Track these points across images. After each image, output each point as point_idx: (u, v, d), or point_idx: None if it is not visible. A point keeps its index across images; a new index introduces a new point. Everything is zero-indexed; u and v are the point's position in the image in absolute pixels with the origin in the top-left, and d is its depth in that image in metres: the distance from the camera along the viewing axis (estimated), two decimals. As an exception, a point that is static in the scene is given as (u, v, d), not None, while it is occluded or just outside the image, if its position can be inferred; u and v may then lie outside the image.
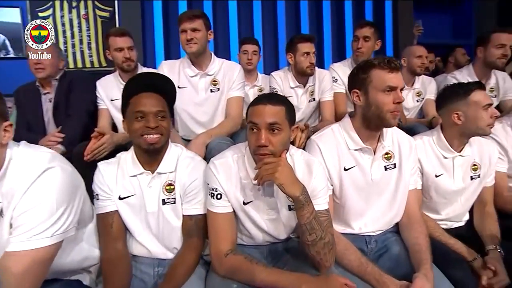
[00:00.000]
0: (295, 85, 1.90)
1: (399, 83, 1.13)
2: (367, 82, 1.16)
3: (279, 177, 0.96)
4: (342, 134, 1.25)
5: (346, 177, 1.22)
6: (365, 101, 1.18)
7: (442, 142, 1.43)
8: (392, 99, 1.13)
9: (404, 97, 2.08)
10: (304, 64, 1.80)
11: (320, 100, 1.92)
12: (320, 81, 1.91)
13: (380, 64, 1.14)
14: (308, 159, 1.12)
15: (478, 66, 2.00)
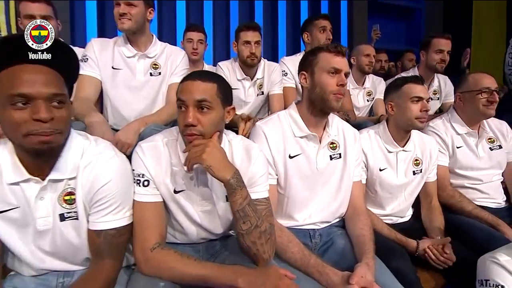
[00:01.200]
0: (242, 77, 1.98)
1: (343, 67, 1.24)
2: (314, 63, 1.26)
3: (206, 159, 0.97)
4: (288, 120, 1.31)
5: (291, 165, 1.27)
6: (311, 83, 1.26)
7: (386, 136, 1.57)
8: (336, 81, 1.23)
9: (355, 97, 2.33)
10: (245, 53, 1.87)
11: (269, 94, 2.00)
12: (269, 74, 1.99)
13: (327, 48, 1.26)
14: (248, 145, 1.15)
15: (422, 69, 2.27)
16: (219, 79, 1.06)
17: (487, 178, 1.74)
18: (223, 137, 1.12)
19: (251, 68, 1.97)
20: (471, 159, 1.74)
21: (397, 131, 1.54)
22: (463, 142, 1.76)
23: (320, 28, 2.02)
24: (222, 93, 1.03)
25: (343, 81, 1.22)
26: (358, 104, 2.38)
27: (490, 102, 1.65)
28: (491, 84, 1.67)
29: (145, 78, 1.59)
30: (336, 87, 1.23)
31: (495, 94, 1.65)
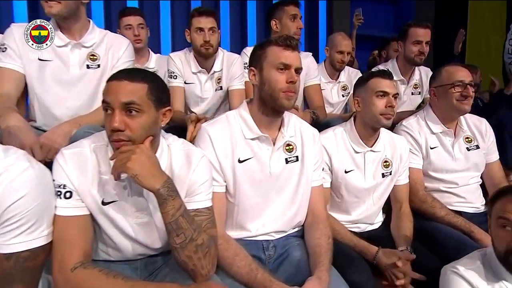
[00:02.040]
0: (198, 69, 1.96)
1: (293, 62, 1.24)
2: (262, 58, 1.26)
3: (132, 167, 0.96)
4: (237, 121, 1.31)
5: (240, 170, 1.27)
6: (259, 79, 1.27)
7: (353, 135, 1.58)
8: (286, 78, 1.23)
9: (328, 92, 2.35)
10: (198, 41, 1.86)
11: (228, 89, 1.99)
12: (228, 67, 1.98)
13: (277, 41, 1.25)
14: (189, 150, 1.15)
15: (400, 61, 2.29)
16: (150, 77, 1.04)
17: (463, 181, 1.76)
18: (160, 142, 1.11)
19: (207, 59, 1.94)
20: (446, 161, 1.75)
21: (365, 129, 1.55)
22: (438, 142, 1.78)
23: (290, 16, 1.98)
24: (155, 94, 1.02)
25: (293, 78, 1.22)
26: (332, 100, 2.40)
27: (464, 96, 1.66)
28: (465, 77, 1.69)
29: (81, 72, 1.51)
30: (285, 85, 1.22)
31: (469, 88, 1.66)
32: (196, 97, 2.01)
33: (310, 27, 3.80)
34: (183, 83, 1.97)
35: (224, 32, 3.50)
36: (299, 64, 1.26)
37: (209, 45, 1.87)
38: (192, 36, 1.91)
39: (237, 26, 3.54)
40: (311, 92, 2.13)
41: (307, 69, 2.10)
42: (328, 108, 2.35)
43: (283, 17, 1.99)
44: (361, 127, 1.56)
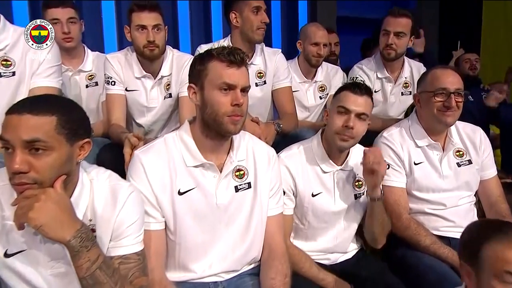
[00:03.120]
0: (142, 74, 1.90)
1: (239, 81, 1.22)
2: (203, 76, 1.23)
3: (35, 217, 0.93)
4: (178, 146, 1.29)
5: (181, 202, 1.26)
6: (200, 100, 1.25)
7: (321, 152, 1.56)
8: (230, 100, 1.21)
9: (303, 93, 2.36)
10: (140, 41, 1.79)
11: (178, 96, 1.93)
12: (179, 70, 1.91)
13: (219, 55, 1.21)
14: (115, 185, 1.12)
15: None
16: (61, 107, 1.00)
17: (452, 202, 1.72)
18: (80, 178, 1.08)
19: (153, 61, 1.86)
20: (432, 179, 1.72)
21: (332, 146, 1.54)
22: (423, 157, 1.74)
23: (253, 8, 1.92)
24: (68, 127, 0.98)
25: (238, 100, 1.21)
26: (308, 103, 2.34)
27: (446, 107, 1.62)
28: (450, 84, 1.63)
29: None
30: (230, 108, 1.21)
31: (452, 98, 1.61)
32: (141, 106, 1.94)
33: (289, 26, 3.83)
34: (123, 90, 1.90)
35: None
36: (246, 82, 1.25)
37: (154, 45, 1.79)
38: (132, 34, 1.82)
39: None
40: (280, 97, 2.10)
41: (275, 69, 2.09)
42: (303, 113, 2.33)
43: (244, 9, 1.94)
44: (329, 143, 1.55)
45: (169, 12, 2.97)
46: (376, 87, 2.25)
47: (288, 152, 1.56)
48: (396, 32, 2.12)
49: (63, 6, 1.97)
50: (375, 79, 2.26)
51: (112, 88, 1.89)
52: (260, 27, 1.94)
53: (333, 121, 1.49)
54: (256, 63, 2.06)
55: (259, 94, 2.08)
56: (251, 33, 1.94)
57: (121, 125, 1.84)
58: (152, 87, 1.92)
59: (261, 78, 2.08)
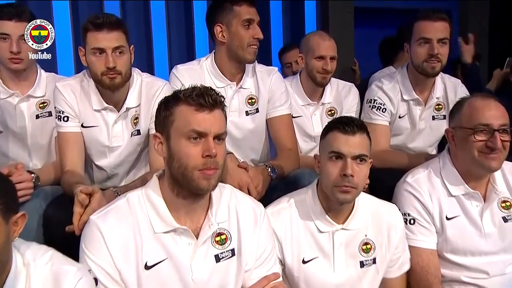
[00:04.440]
0: (102, 106, 1.81)
1: (211, 128, 1.21)
2: (169, 123, 1.24)
3: None
4: (144, 207, 1.28)
5: (148, 278, 1.25)
6: (167, 151, 1.26)
7: (316, 207, 1.51)
8: (201, 150, 1.20)
9: (307, 119, 2.29)
10: (98, 67, 1.70)
11: (149, 132, 1.86)
12: (149, 99, 1.83)
13: (187, 98, 1.22)
14: (58, 270, 1.10)
15: (412, 72, 2.11)
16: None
17: (496, 269, 1.62)
18: (13, 262, 1.07)
19: (115, 91, 1.78)
20: (470, 238, 1.62)
21: (330, 199, 1.49)
22: (459, 209, 1.64)
23: (243, 21, 1.86)
24: (1, 201, 1.01)
25: (210, 151, 1.19)
26: (313, 131, 2.23)
27: (490, 148, 1.52)
28: (494, 119, 1.52)
29: None
30: (201, 160, 1.20)
31: (497, 137, 1.50)
32: (102, 146, 1.86)
33: (294, 28, 3.70)
34: (79, 127, 1.81)
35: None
36: (221, 128, 1.24)
37: (114, 72, 1.70)
38: (88, 59, 1.72)
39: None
40: (277, 128, 2.03)
41: (270, 93, 2.03)
42: (308, 144, 2.25)
43: (232, 22, 1.88)
44: (326, 196, 1.49)
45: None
46: (401, 112, 2.12)
47: (276, 208, 1.53)
48: (439, 39, 1.98)
49: (17, 20, 1.83)
50: (399, 101, 2.12)
51: (64, 125, 1.80)
52: (252, 44, 1.89)
53: (327, 171, 1.44)
54: (246, 86, 2.01)
55: (251, 125, 2.02)
56: (241, 51, 1.90)
57: (76, 171, 1.75)
58: (116, 121, 1.84)
59: (252, 105, 2.02)
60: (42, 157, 1.96)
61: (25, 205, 1.63)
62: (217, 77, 1.95)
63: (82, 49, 1.76)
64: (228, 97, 1.95)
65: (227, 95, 1.95)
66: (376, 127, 2.00)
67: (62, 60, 3.11)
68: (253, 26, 1.89)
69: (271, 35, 3.55)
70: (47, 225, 1.62)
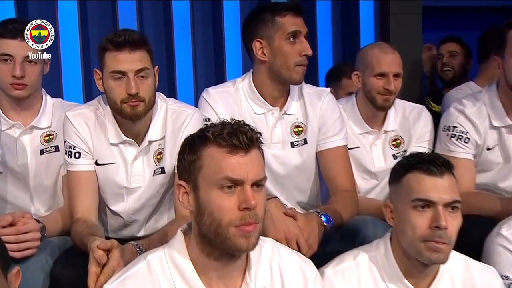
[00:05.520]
0: (119, 139, 1.80)
1: (248, 174, 1.17)
2: (196, 169, 1.21)
3: None
4: (168, 271, 1.25)
5: None
6: (195, 204, 1.22)
7: (392, 267, 1.46)
8: (237, 202, 1.17)
9: (366, 151, 2.22)
10: (117, 95, 1.70)
11: (175, 171, 1.78)
12: (175, 132, 1.82)
13: (217, 138, 1.18)
14: None
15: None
16: None
17: None
18: None
19: (136, 121, 1.78)
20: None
21: (411, 258, 1.43)
22: None
23: (288, 34, 1.86)
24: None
25: (248, 202, 1.15)
26: (374, 166, 2.15)
27: None
28: None
29: None
30: (238, 214, 1.17)
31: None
32: (119, 187, 1.86)
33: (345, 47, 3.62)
34: (93, 165, 1.79)
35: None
36: (259, 174, 1.20)
37: (137, 99, 1.71)
38: (106, 84, 1.71)
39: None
40: (330, 163, 1.99)
41: (321, 120, 2.00)
42: (367, 182, 2.18)
43: (274, 36, 1.87)
44: (406, 254, 1.44)
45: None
46: (490, 142, 2.03)
47: (339, 266, 1.47)
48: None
49: (22, 38, 1.81)
50: (487, 128, 2.03)
51: (75, 163, 1.78)
52: (300, 63, 1.88)
53: (411, 224, 1.39)
54: (292, 112, 1.98)
55: (297, 160, 1.98)
56: (286, 71, 1.89)
57: (89, 219, 1.73)
58: (135, 158, 1.82)
59: (299, 135, 1.99)
60: (46, 201, 1.93)
61: (29, 261, 1.64)
62: (256, 102, 1.93)
63: (98, 72, 1.77)
64: (269, 125, 1.95)
65: (268, 123, 1.92)
66: (457, 162, 1.87)
67: (68, 72, 3.15)
68: (300, 40, 1.88)
69: (318, 47, 3.48)
70: (55, 286, 1.60)
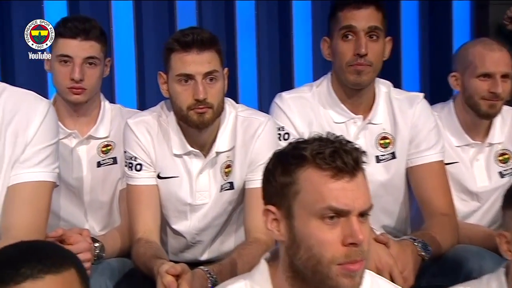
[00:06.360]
0: (184, 150, 1.81)
1: (354, 203, 1.11)
2: (290, 194, 1.14)
3: None
4: None
5: None
6: (288, 234, 1.16)
7: None
8: (341, 236, 1.10)
9: (466, 168, 2.12)
10: (183, 99, 1.73)
11: (245, 187, 1.84)
12: (246, 142, 1.84)
13: (316, 159, 1.11)
14: None
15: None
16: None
17: None
18: None
19: (202, 129, 1.78)
20: None
21: None
22: None
23: (341, 31, 1.88)
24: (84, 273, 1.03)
25: (356, 237, 1.10)
26: (476, 185, 2.05)
27: None
28: None
29: None
30: (342, 250, 1.11)
31: None
32: (182, 204, 1.85)
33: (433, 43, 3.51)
34: (155, 178, 1.80)
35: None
36: (366, 202, 1.13)
37: (205, 106, 1.71)
38: (171, 88, 1.72)
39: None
40: (424, 181, 1.94)
41: (413, 130, 1.95)
42: (467, 204, 2.08)
43: (334, 33, 1.90)
44: None
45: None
46: None
47: None
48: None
49: (83, 38, 1.87)
50: None
51: (136, 176, 1.80)
52: (352, 63, 1.86)
53: None
54: (378, 121, 1.95)
55: (383, 177, 1.93)
56: (342, 72, 1.91)
57: (152, 239, 1.74)
58: (201, 171, 1.82)
59: (386, 148, 1.95)
60: (102, 218, 1.95)
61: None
62: (336, 109, 1.92)
63: (163, 75, 1.78)
64: (351, 136, 1.90)
65: (349, 133, 1.90)
66: None
67: (122, 74, 3.18)
68: (357, 37, 1.86)
69: (402, 44, 3.38)
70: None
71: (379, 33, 1.88)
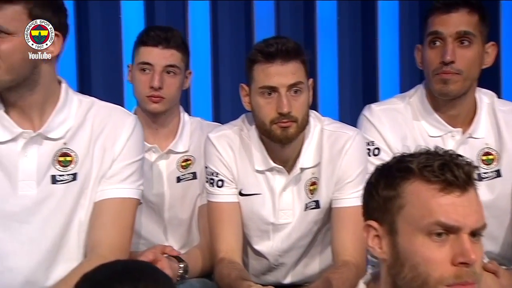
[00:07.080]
0: (267, 166, 1.85)
1: (465, 220, 1.10)
2: (394, 208, 1.16)
3: None
4: None
5: None
6: (392, 252, 1.16)
7: None
8: (452, 254, 1.10)
9: None
10: (266, 113, 1.76)
11: (332, 207, 1.87)
12: (333, 158, 1.87)
13: (423, 172, 1.11)
14: None
15: None
16: None
17: None
18: None
19: (285, 145, 1.81)
20: None
21: None
22: None
23: (428, 37, 1.88)
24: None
25: (467, 256, 1.08)
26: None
27: None
28: None
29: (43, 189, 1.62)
30: (452, 271, 1.10)
31: None
32: (264, 223, 1.88)
33: None
34: (236, 195, 1.85)
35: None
36: (479, 219, 1.13)
37: (288, 120, 1.73)
38: (254, 101, 1.77)
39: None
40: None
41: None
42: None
43: (424, 40, 1.92)
44: None
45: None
46: None
47: None
48: None
49: (164, 46, 1.97)
50: None
51: (218, 193, 1.84)
52: (438, 71, 1.85)
53: None
54: (479, 135, 1.92)
55: (487, 197, 1.86)
56: (429, 82, 1.92)
57: (234, 259, 1.78)
58: (284, 188, 1.85)
59: (489, 165, 1.93)
60: (181, 236, 2.02)
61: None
62: (431, 122, 1.91)
63: (245, 88, 1.82)
64: None
65: (447, 148, 1.76)
66: None
67: (197, 83, 3.23)
68: (444, 44, 1.84)
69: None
70: None
71: (471, 38, 1.84)
